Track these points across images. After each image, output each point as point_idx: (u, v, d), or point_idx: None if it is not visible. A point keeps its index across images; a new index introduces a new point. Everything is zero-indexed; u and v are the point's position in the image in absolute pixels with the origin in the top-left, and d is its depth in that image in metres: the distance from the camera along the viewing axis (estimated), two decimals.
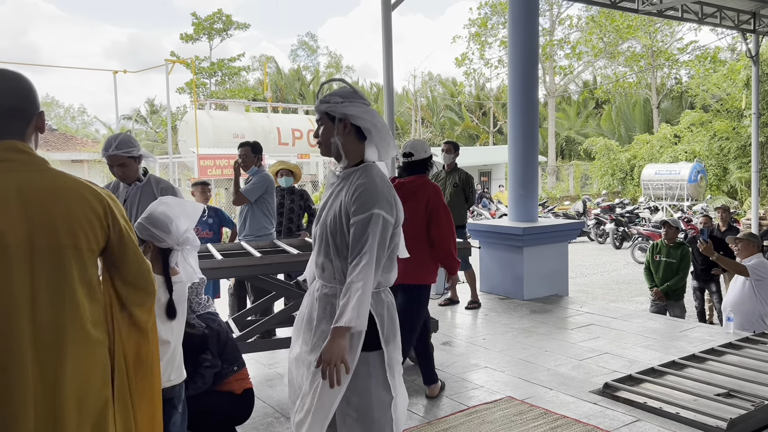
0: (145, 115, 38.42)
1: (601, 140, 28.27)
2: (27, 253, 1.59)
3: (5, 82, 1.70)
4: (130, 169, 3.62)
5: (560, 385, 4.27)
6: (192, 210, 2.61)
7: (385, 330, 2.33)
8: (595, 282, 11.35)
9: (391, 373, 2.33)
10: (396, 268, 2.46)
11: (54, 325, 1.62)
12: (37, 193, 1.63)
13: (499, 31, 29.99)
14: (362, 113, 2.33)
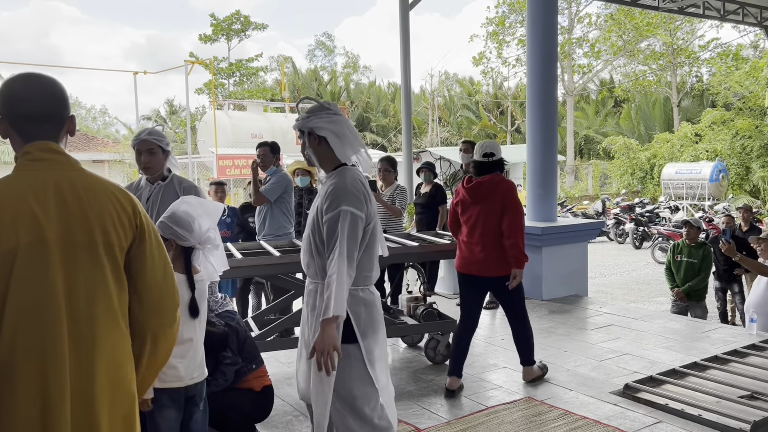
0: (164, 115, 38.79)
1: (621, 139, 28.00)
2: (64, 247, 1.63)
3: (43, 87, 1.74)
4: (157, 159, 3.62)
5: (580, 386, 4.25)
6: (213, 209, 2.64)
7: (362, 325, 2.51)
8: (614, 282, 11.25)
9: (371, 365, 2.50)
10: (377, 268, 2.61)
11: (89, 318, 1.65)
12: (72, 191, 1.67)
13: (517, 29, 29.83)
14: (324, 123, 2.57)
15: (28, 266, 1.59)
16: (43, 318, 1.60)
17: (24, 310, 1.59)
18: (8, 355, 1.58)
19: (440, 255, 5.08)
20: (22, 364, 1.58)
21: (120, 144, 26.98)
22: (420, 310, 4.83)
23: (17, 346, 1.58)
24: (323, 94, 38.32)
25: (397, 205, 6.08)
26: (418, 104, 36.15)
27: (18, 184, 1.64)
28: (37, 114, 1.72)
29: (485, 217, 4.19)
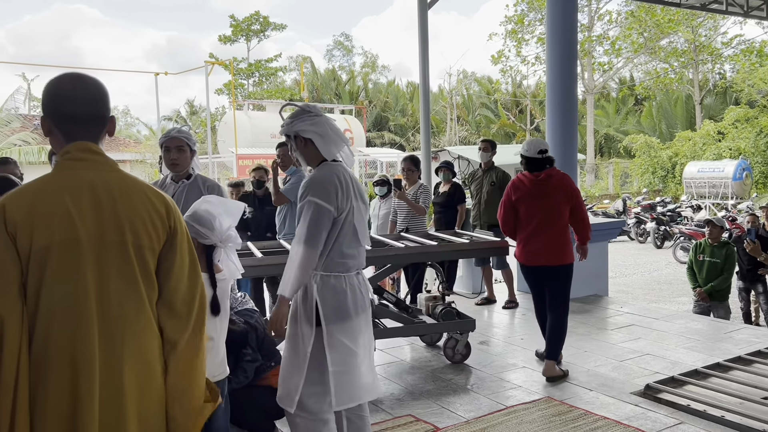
0: (185, 116, 39.13)
1: (642, 137, 27.69)
2: (96, 246, 1.66)
3: (88, 88, 1.78)
4: (184, 156, 3.68)
5: (600, 386, 4.22)
6: (233, 208, 2.67)
7: (326, 310, 2.65)
8: (635, 282, 11.14)
9: (331, 349, 2.64)
10: (355, 257, 2.72)
11: (118, 318, 1.67)
12: (107, 192, 1.70)
13: (536, 27, 29.64)
14: (308, 126, 2.73)
15: (61, 264, 1.62)
16: (74, 315, 1.62)
17: (57, 306, 1.61)
18: (42, 350, 1.61)
19: (459, 254, 5.07)
20: (55, 360, 1.60)
21: (142, 144, 27.27)
22: (439, 310, 4.83)
23: (50, 341, 1.61)
24: (342, 94, 38.40)
25: (420, 203, 6.09)
26: (436, 103, 36.08)
27: (55, 183, 1.67)
28: (82, 115, 1.75)
29: (552, 209, 4.45)
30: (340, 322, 2.66)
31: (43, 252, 1.61)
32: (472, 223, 6.73)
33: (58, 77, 1.78)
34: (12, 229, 1.59)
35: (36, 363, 1.61)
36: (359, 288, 2.76)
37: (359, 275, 2.80)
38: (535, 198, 4.47)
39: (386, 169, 24.14)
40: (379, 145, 34.29)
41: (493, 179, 6.57)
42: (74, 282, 1.63)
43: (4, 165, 4.58)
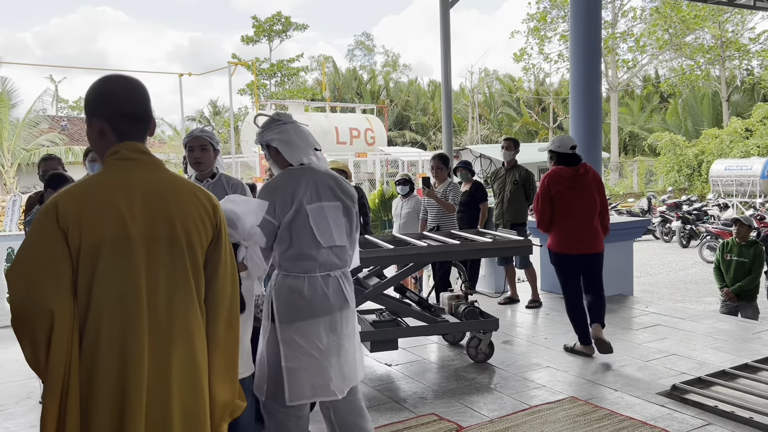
0: (208, 116, 39.51)
1: (667, 135, 27.33)
2: (147, 243, 1.68)
3: (139, 88, 1.81)
4: (208, 155, 3.71)
5: (625, 386, 4.18)
6: (256, 207, 2.69)
7: (279, 308, 2.68)
8: (660, 281, 11.01)
9: (284, 345, 2.67)
10: (317, 258, 2.71)
11: (168, 314, 1.69)
12: (157, 190, 1.73)
13: (559, 25, 29.40)
14: (274, 135, 2.81)
15: (113, 260, 1.64)
16: (125, 312, 1.64)
17: (107, 302, 1.63)
18: (93, 345, 1.63)
19: (482, 253, 5.06)
20: (105, 356, 1.62)
21: (166, 144, 27.59)
22: (462, 309, 4.82)
23: (101, 337, 1.62)
24: (363, 93, 38.46)
25: (450, 200, 6.08)
26: (457, 102, 35.98)
27: (107, 181, 1.70)
28: (137, 114, 1.79)
29: (588, 201, 4.82)
30: (294, 321, 2.68)
31: (95, 248, 1.63)
32: (495, 222, 6.70)
33: (106, 79, 1.81)
34: (64, 225, 1.61)
35: (86, 359, 1.62)
36: (323, 289, 2.72)
37: (330, 277, 2.74)
38: (574, 190, 4.78)
39: (407, 168, 24.12)
40: (400, 144, 34.29)
41: (516, 178, 6.53)
42: (126, 278, 1.65)
43: (49, 161, 4.73)
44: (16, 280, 1.61)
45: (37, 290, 1.58)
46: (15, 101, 23.70)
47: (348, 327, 2.83)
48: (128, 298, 1.65)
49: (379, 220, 12.93)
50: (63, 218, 1.62)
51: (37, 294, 1.58)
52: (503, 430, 3.56)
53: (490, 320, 4.74)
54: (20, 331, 1.61)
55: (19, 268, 1.61)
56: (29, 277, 1.59)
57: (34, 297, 1.58)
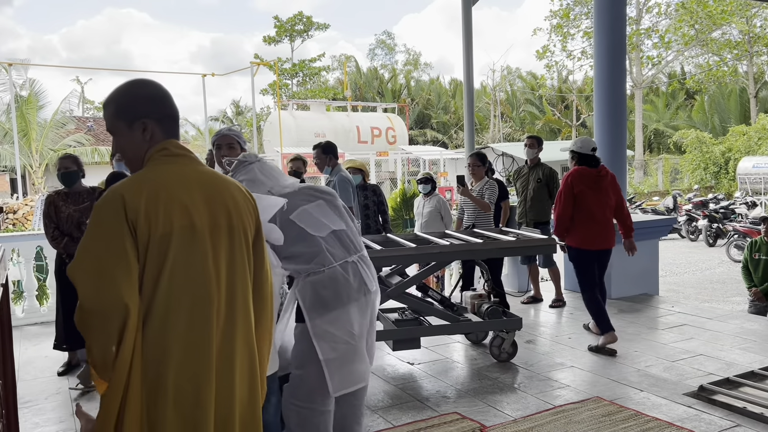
0: (231, 116, 39.83)
1: (693, 132, 26.89)
2: (210, 232, 1.73)
3: (165, 91, 1.88)
4: (235, 154, 3.74)
5: (651, 387, 4.13)
6: (269, 204, 2.71)
7: (307, 306, 2.74)
8: (687, 281, 10.85)
9: (318, 340, 2.72)
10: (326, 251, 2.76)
11: (230, 301, 1.75)
12: (210, 182, 1.80)
13: (582, 21, 29.12)
14: (242, 176, 2.92)
15: (182, 250, 1.67)
16: (195, 300, 1.68)
17: (176, 292, 1.66)
18: (160, 335, 1.64)
19: (505, 252, 5.03)
20: (175, 345, 1.64)
21: (190, 144, 27.87)
22: (484, 308, 4.80)
23: (169, 327, 1.64)
24: (384, 92, 38.47)
25: (486, 199, 5.96)
26: (479, 100, 35.82)
27: (165, 174, 1.74)
28: (176, 113, 1.89)
29: (607, 201, 5.14)
30: (324, 313, 2.73)
31: (165, 239, 1.65)
32: (518, 221, 6.66)
33: (143, 82, 1.87)
34: (133, 217, 1.64)
35: (152, 350, 1.64)
36: (345, 276, 2.77)
37: (348, 263, 2.80)
38: (595, 190, 5.09)
39: (429, 166, 24.08)
40: (421, 143, 34.25)
41: (539, 176, 6.48)
42: (195, 267, 1.69)
43: (62, 160, 4.83)
44: (88, 276, 1.61)
45: (112, 285, 1.59)
46: (42, 103, 24.14)
47: (374, 311, 2.90)
48: (199, 287, 1.69)
49: (401, 218, 12.93)
50: (132, 211, 1.63)
51: (112, 289, 1.59)
52: (527, 430, 3.53)
53: (514, 319, 4.71)
54: (92, 328, 1.62)
55: (90, 263, 1.62)
56: (102, 272, 1.60)
57: (110, 292, 1.59)
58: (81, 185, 4.85)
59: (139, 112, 1.80)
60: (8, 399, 2.05)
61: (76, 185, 4.81)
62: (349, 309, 2.75)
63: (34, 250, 6.39)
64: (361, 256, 2.88)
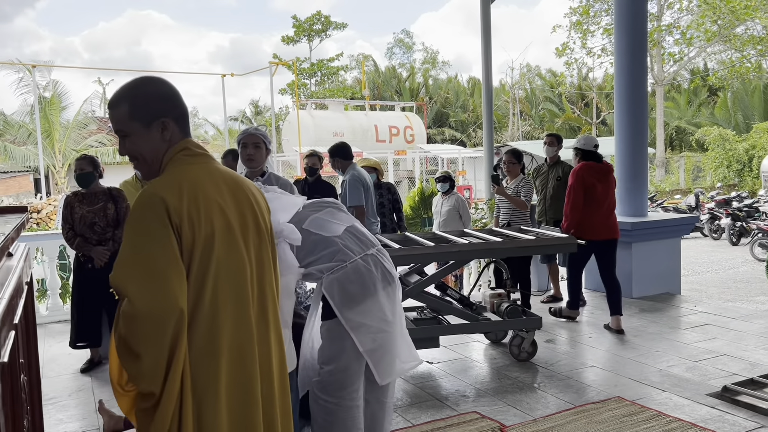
0: (249, 116, 40.06)
1: (716, 130, 26.51)
2: (242, 231, 1.73)
3: (175, 88, 1.83)
4: (260, 153, 3.79)
5: (673, 387, 4.08)
6: (288, 204, 2.72)
7: (336, 301, 2.75)
8: (709, 280, 10.70)
9: (356, 332, 2.74)
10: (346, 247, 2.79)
11: (262, 299, 1.76)
12: (233, 181, 1.78)
13: (602, 18, 28.81)
14: None
15: (225, 250, 1.67)
16: (239, 299, 1.68)
17: (222, 293, 1.64)
18: (207, 337, 1.62)
19: (525, 251, 5.00)
20: (222, 346, 1.64)
21: (209, 144, 28.08)
22: (504, 307, 4.78)
23: (216, 328, 1.62)
24: (402, 91, 38.43)
25: (522, 197, 5.88)
26: (498, 98, 35.64)
27: (195, 174, 1.71)
28: (188, 111, 1.85)
29: (611, 194, 5.56)
30: (354, 306, 2.75)
31: (208, 240, 1.64)
32: (538, 219, 6.61)
33: (148, 80, 1.82)
34: (177, 220, 1.60)
35: (200, 353, 1.61)
36: (367, 268, 2.81)
37: (368, 256, 2.84)
38: (603, 183, 5.46)
39: (447, 165, 24.00)
40: (439, 142, 34.17)
41: (558, 174, 6.43)
42: (237, 267, 1.69)
43: (79, 161, 4.87)
44: (140, 280, 1.55)
45: (168, 288, 1.55)
46: (65, 104, 24.48)
47: (400, 300, 2.94)
48: (240, 288, 1.69)
49: (419, 217, 12.89)
50: (176, 214, 1.60)
51: (168, 292, 1.55)
52: (547, 430, 3.51)
53: (533, 318, 4.68)
54: (145, 336, 1.55)
55: (141, 266, 1.56)
56: (157, 275, 1.55)
57: (167, 296, 1.54)
58: (98, 186, 4.87)
59: (157, 112, 1.75)
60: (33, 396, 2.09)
61: (93, 186, 4.83)
62: (378, 298, 2.79)
63: (57, 249, 6.48)
64: (378, 249, 2.92)
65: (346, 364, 2.78)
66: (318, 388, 2.84)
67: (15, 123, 25.13)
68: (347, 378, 2.79)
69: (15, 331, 1.56)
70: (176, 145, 1.76)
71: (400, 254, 4.29)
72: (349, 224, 2.91)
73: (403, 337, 2.91)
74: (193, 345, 1.60)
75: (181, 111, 1.80)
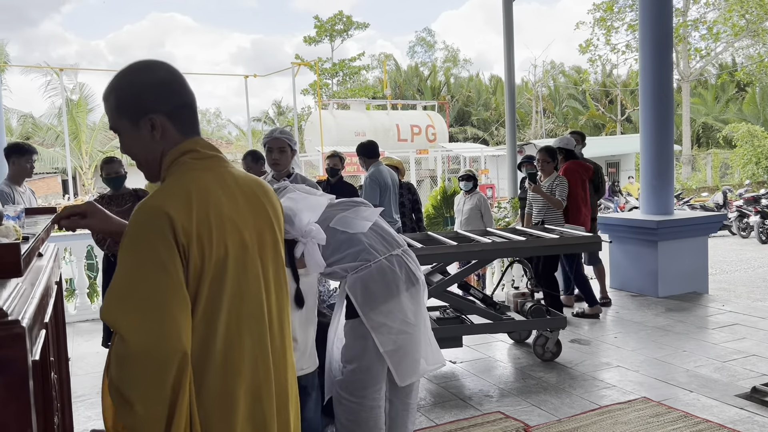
0: (272, 116, 40.31)
1: (744, 126, 26.03)
2: (260, 249, 1.49)
3: (174, 74, 1.52)
4: (286, 156, 3.84)
5: (701, 388, 4.02)
6: (315, 204, 2.73)
7: (359, 300, 2.75)
8: (738, 279, 10.50)
9: (377, 333, 2.72)
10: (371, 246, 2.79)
11: (280, 324, 1.53)
12: (250, 189, 1.51)
13: (627, 14, 28.45)
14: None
15: (237, 276, 1.41)
16: (254, 333, 1.44)
17: (234, 326, 1.40)
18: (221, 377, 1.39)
19: (548, 250, 4.96)
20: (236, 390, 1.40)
21: (233, 145, 28.32)
22: (528, 306, 4.75)
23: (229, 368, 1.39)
24: (423, 90, 38.37)
25: (557, 196, 5.70)
26: (520, 96, 35.40)
27: (207, 185, 1.42)
28: (190, 101, 1.52)
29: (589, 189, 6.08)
30: (376, 305, 2.75)
31: (220, 265, 1.37)
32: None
33: (141, 66, 1.50)
34: (184, 241, 1.33)
35: (213, 402, 1.38)
36: (391, 268, 2.80)
37: (393, 256, 2.83)
38: (588, 180, 6.03)
39: (469, 164, 23.91)
40: (461, 140, 34.03)
41: None
42: (252, 294, 1.43)
43: (109, 164, 4.86)
44: (137, 314, 1.28)
45: (171, 325, 1.29)
46: (92, 106, 24.88)
47: (424, 302, 2.93)
48: (259, 318, 1.44)
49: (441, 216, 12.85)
50: (183, 234, 1.33)
51: (171, 330, 1.29)
52: (572, 430, 3.48)
53: (558, 318, 4.65)
54: (139, 380, 1.28)
55: (139, 298, 1.29)
56: (157, 309, 1.29)
57: (169, 334, 1.28)
58: (125, 187, 4.94)
59: (145, 107, 1.44)
60: (63, 394, 2.12)
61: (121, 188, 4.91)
62: (401, 299, 2.79)
63: (84, 249, 6.59)
64: (404, 250, 2.92)
65: (368, 363, 2.78)
66: (341, 387, 2.85)
67: (43, 125, 25.65)
68: (370, 378, 2.80)
69: (46, 330, 1.59)
70: (180, 145, 1.46)
71: (423, 253, 4.29)
72: (375, 223, 2.91)
73: (427, 338, 2.90)
74: (204, 389, 1.36)
75: (176, 103, 1.47)
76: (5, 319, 1.19)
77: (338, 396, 2.87)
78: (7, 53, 23.84)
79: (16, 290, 1.40)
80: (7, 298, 1.28)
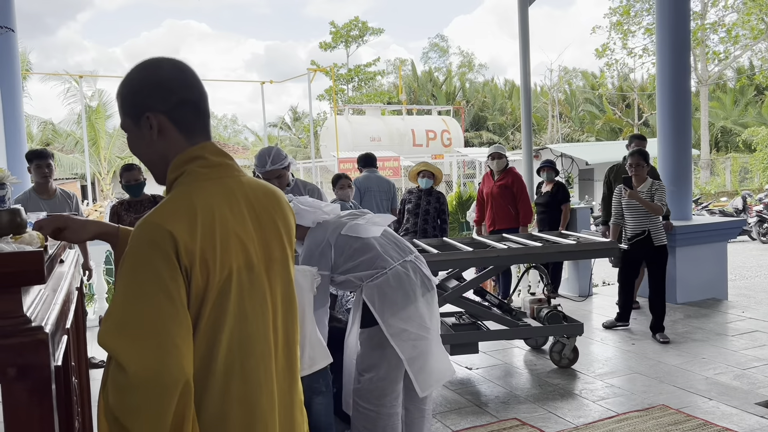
0: (288, 122, 40.52)
1: (764, 130, 25.71)
2: (267, 268, 1.39)
3: (193, 74, 1.43)
4: (285, 179, 3.92)
5: (720, 395, 3.97)
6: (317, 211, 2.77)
7: (377, 307, 2.75)
8: (758, 285, 10.34)
9: (396, 339, 2.73)
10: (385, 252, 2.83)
11: (286, 347, 1.44)
12: (259, 202, 1.41)
13: (644, 18, 28.27)
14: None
15: (241, 297, 1.32)
16: (257, 358, 1.35)
17: (236, 352, 1.31)
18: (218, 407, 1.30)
19: (566, 256, 4.94)
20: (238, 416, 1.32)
21: (249, 151, 28.50)
22: (544, 313, 4.72)
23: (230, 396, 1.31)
24: (438, 95, 38.36)
25: (656, 201, 5.32)
26: (536, 100, 35.27)
27: (212, 199, 1.32)
28: (202, 102, 1.42)
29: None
30: (396, 312, 2.75)
31: (225, 285, 1.29)
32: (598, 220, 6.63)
33: (148, 63, 1.41)
34: (188, 262, 1.24)
35: (214, 417, 1.30)
36: (406, 274, 2.82)
37: (407, 262, 2.86)
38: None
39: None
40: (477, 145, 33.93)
41: (608, 178, 6.43)
42: (256, 317, 1.34)
43: (129, 171, 4.91)
44: (137, 339, 1.19)
45: (171, 356, 1.20)
46: (110, 112, 25.14)
47: (437, 308, 2.95)
48: (261, 342, 1.35)
49: (457, 222, 12.84)
50: (186, 253, 1.24)
51: (171, 361, 1.19)
52: None
53: (575, 324, 4.62)
54: (139, 410, 1.19)
55: (137, 323, 1.20)
56: (156, 336, 1.20)
57: (167, 365, 1.19)
58: (143, 193, 4.99)
59: (142, 105, 1.37)
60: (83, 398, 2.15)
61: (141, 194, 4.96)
62: (418, 305, 2.80)
63: (104, 254, 6.66)
64: (416, 256, 2.94)
65: (386, 372, 2.79)
66: (358, 396, 2.86)
67: (63, 132, 25.96)
68: (387, 386, 2.80)
69: (67, 336, 1.61)
70: (188, 151, 1.37)
71: (438, 259, 4.29)
72: (385, 230, 2.94)
73: (439, 346, 2.91)
74: (204, 412, 1.29)
75: (176, 102, 1.37)
76: (29, 326, 1.21)
77: (356, 404, 2.88)
78: (29, 61, 24.15)
79: (39, 297, 1.42)
80: (30, 304, 1.30)
